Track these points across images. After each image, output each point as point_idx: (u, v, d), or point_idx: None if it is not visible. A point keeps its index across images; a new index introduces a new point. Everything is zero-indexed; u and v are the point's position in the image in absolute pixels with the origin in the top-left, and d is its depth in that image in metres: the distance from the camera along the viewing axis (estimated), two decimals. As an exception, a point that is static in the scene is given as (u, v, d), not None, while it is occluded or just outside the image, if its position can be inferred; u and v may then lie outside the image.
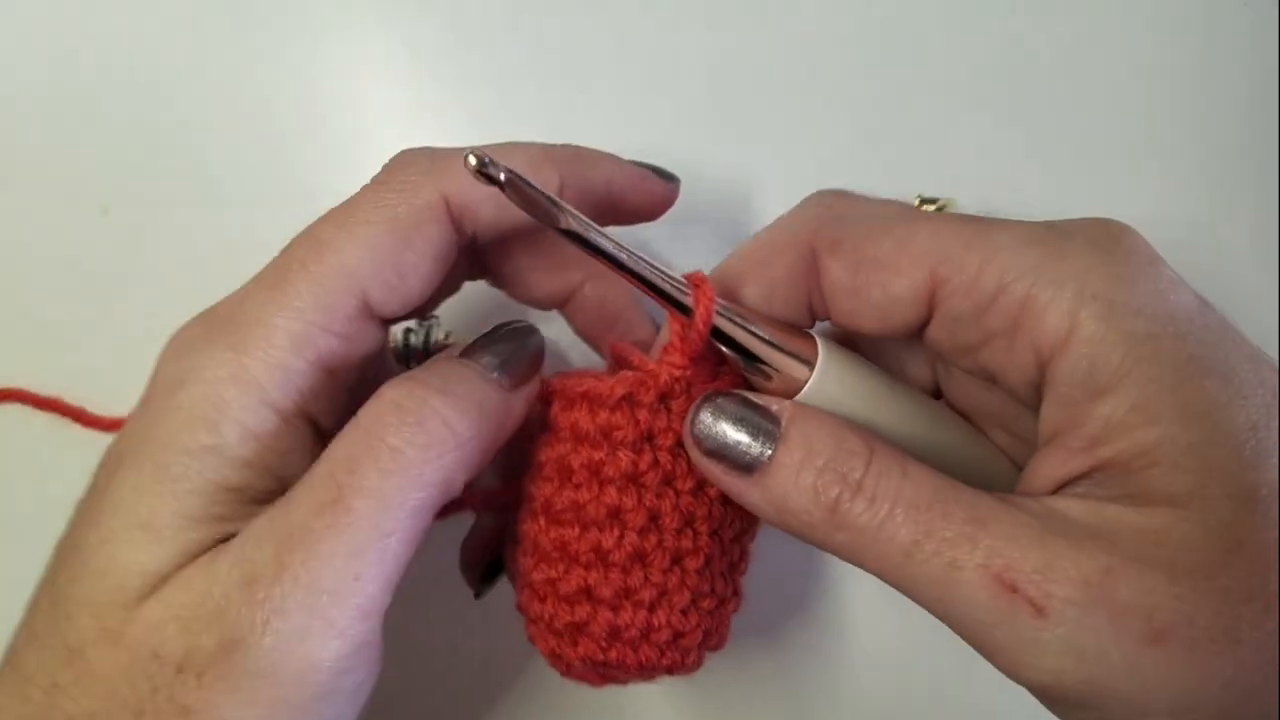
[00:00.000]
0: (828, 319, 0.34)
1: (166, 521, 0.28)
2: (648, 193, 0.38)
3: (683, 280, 0.31)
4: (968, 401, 0.37)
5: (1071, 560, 0.26)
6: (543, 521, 0.33)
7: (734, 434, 0.30)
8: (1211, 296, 0.30)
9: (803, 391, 0.32)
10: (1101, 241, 0.29)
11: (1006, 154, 0.47)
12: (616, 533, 0.32)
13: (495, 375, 0.31)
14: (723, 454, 0.30)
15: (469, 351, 0.32)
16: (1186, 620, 0.25)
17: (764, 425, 0.30)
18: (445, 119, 0.48)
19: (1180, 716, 0.25)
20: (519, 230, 0.35)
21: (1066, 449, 0.29)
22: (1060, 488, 0.29)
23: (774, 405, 0.30)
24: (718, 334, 0.32)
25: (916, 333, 0.32)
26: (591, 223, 0.29)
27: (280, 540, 0.28)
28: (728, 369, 0.34)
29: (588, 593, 0.32)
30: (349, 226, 0.31)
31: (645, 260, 0.30)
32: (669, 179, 0.39)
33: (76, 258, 0.47)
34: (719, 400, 0.30)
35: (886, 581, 0.28)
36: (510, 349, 0.32)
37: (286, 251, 0.32)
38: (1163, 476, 0.27)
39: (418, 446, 0.28)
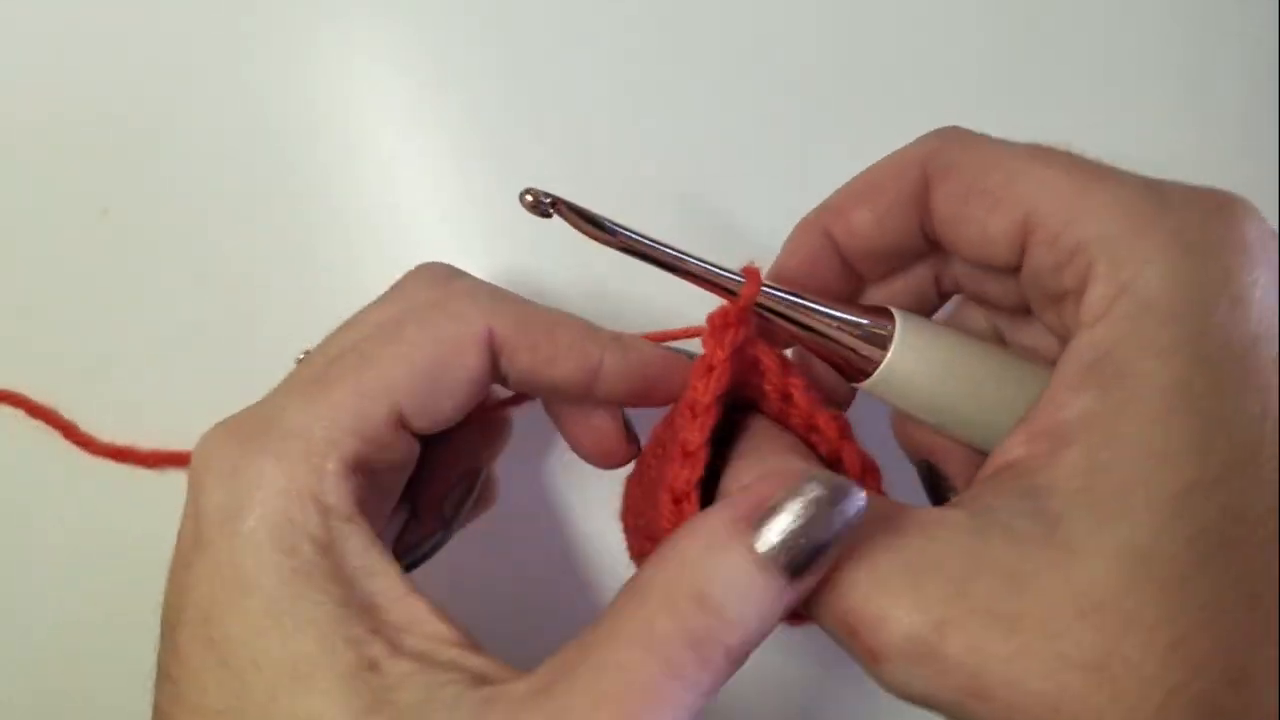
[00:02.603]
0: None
1: (313, 665, 0.26)
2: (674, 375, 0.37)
3: (736, 272, 0.32)
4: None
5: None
6: None
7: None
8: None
9: (883, 364, 0.32)
10: (1195, 224, 0.27)
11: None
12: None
13: (788, 585, 0.26)
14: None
15: (770, 533, 0.26)
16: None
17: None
18: (446, 120, 0.48)
19: None
20: (546, 385, 0.34)
21: (1026, 430, 0.28)
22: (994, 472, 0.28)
23: None
24: (781, 318, 0.33)
25: (1013, 272, 0.32)
26: (645, 236, 0.31)
27: None
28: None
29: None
30: (396, 345, 0.31)
31: (699, 260, 0.32)
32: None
33: (76, 258, 0.47)
34: None
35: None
36: (814, 536, 0.26)
37: (331, 359, 0.32)
38: (1077, 521, 0.25)
39: (708, 683, 0.26)
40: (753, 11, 0.48)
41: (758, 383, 0.33)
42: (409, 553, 0.38)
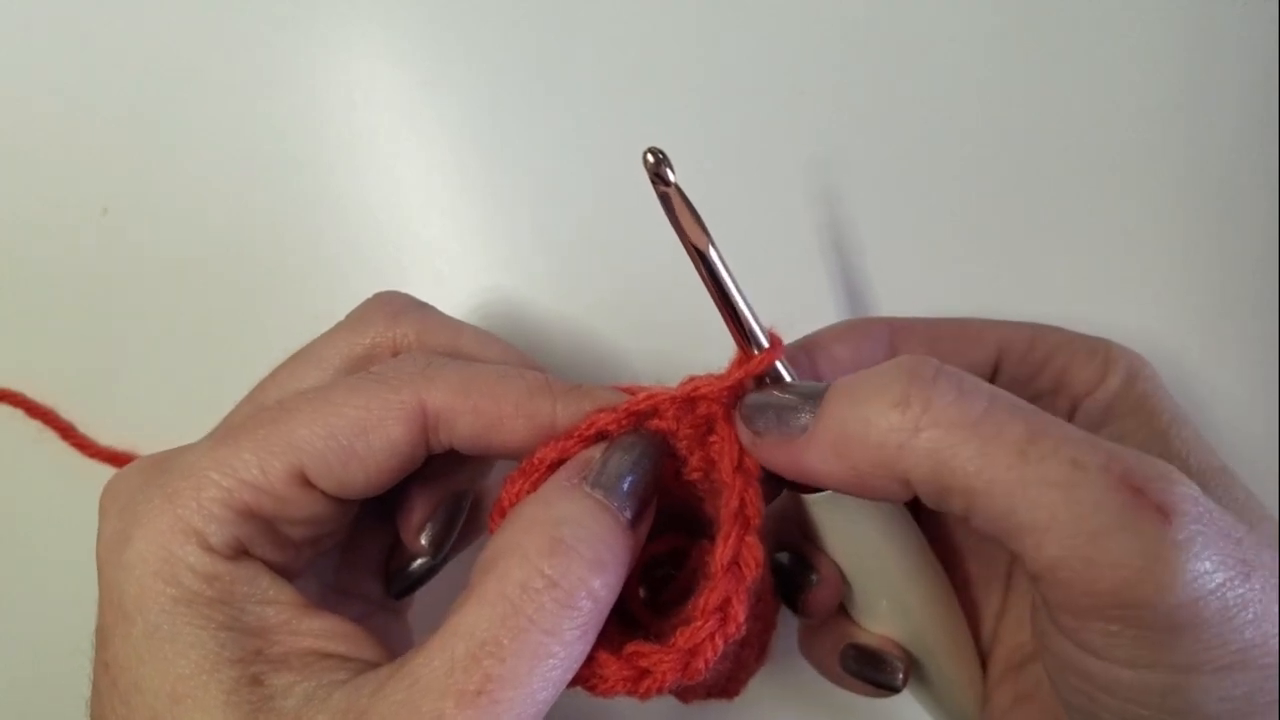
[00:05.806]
0: None
1: (193, 685, 0.28)
2: None
3: (765, 332, 0.32)
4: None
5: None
6: None
7: (782, 400, 0.30)
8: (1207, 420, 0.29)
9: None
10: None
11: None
12: None
13: (628, 517, 0.30)
14: (773, 417, 0.30)
15: (603, 478, 0.30)
16: None
17: (809, 394, 0.30)
18: (449, 120, 0.48)
19: None
20: (498, 449, 0.33)
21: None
22: None
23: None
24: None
25: None
26: (723, 257, 0.31)
27: None
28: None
29: None
30: (317, 405, 0.31)
31: (746, 300, 0.31)
32: None
33: (76, 258, 0.46)
34: (759, 391, 0.32)
35: (972, 491, 0.26)
36: (642, 481, 0.31)
37: (259, 409, 0.32)
38: None
39: (571, 630, 0.27)
40: (761, 22, 0.48)
41: (688, 446, 0.32)
42: (396, 580, 0.38)
